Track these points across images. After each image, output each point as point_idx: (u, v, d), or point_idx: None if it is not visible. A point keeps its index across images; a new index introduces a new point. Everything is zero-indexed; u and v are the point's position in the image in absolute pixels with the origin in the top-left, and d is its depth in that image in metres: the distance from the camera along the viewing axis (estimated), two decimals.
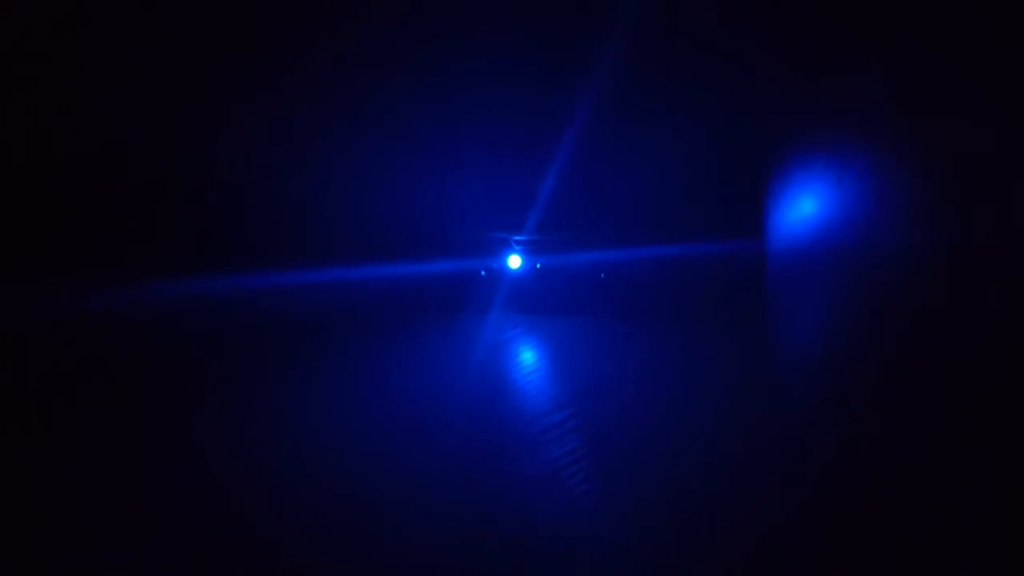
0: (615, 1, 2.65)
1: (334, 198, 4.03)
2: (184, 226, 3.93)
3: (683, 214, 3.90)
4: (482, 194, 4.13)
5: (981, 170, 1.65)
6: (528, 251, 4.46)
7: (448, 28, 2.81)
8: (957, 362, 1.72)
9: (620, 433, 3.38)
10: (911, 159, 1.93)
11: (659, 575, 2.50)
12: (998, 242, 1.59)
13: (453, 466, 3.17)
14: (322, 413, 3.61)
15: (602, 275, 4.40)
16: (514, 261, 4.47)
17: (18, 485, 2.84)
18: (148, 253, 3.81)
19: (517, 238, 4.40)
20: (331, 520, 2.75)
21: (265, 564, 2.50)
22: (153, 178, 3.75)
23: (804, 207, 2.59)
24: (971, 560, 1.65)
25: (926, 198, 1.85)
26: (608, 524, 2.80)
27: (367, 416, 3.59)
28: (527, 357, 4.19)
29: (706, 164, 3.59)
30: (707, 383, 3.52)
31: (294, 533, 2.65)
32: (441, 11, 2.73)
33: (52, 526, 2.64)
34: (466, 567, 2.56)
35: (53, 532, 2.60)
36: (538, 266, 4.49)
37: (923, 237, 1.86)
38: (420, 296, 4.42)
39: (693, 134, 3.42)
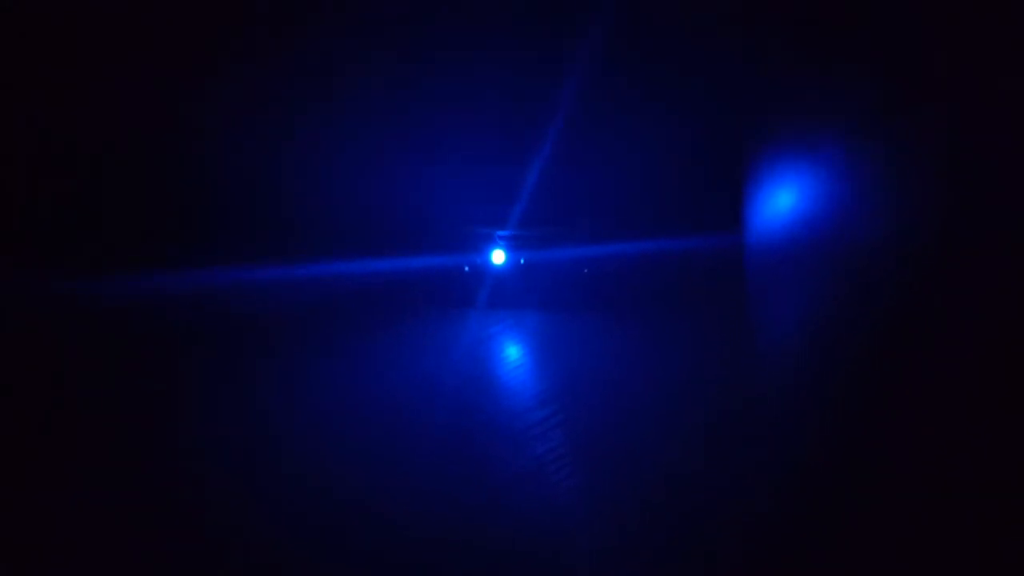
0: None
1: (315, 192, 4.00)
2: (165, 220, 3.89)
3: (664, 209, 3.91)
4: (465, 189, 4.12)
5: (964, 163, 1.65)
6: (512, 246, 4.45)
7: (430, 18, 2.79)
8: (939, 355, 1.73)
9: (605, 429, 3.39)
10: (892, 151, 1.94)
11: (645, 571, 2.51)
12: (980, 236, 1.60)
13: (436, 463, 3.17)
14: (303, 409, 3.59)
15: (585, 270, 4.40)
16: (498, 256, 4.45)
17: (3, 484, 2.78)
18: (131, 246, 3.76)
19: (501, 233, 4.38)
20: (314, 516, 2.76)
21: (249, 559, 2.50)
22: (135, 171, 3.70)
23: (783, 200, 2.60)
24: (959, 553, 1.66)
25: (907, 191, 1.86)
26: (593, 520, 2.81)
27: (348, 412, 3.58)
28: (511, 353, 4.18)
29: (687, 158, 3.60)
30: (690, 377, 3.54)
31: (277, 529, 2.65)
32: (423, 1, 2.71)
33: (40, 525, 2.60)
34: (450, 563, 2.56)
35: (41, 531, 2.56)
36: (522, 262, 4.48)
37: (904, 229, 1.86)
38: (402, 292, 4.40)
39: (675, 128, 3.43)
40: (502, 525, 2.75)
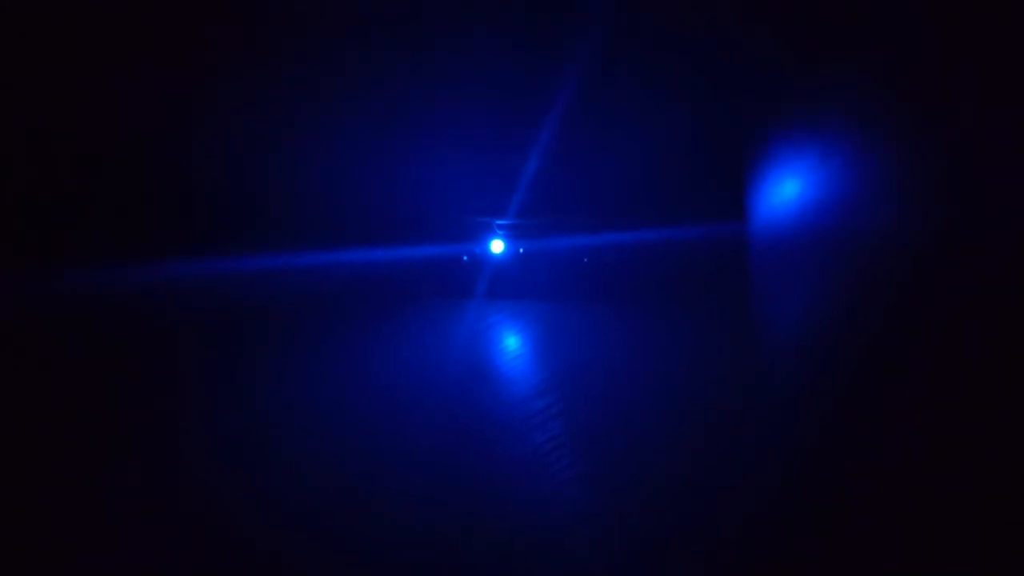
0: None
1: (313, 182, 3.99)
2: (161, 212, 3.88)
3: (666, 198, 3.91)
4: (464, 178, 4.10)
5: (968, 154, 1.64)
6: (511, 236, 4.45)
7: (430, 8, 2.76)
8: (943, 349, 1.73)
9: (604, 419, 3.40)
10: (896, 142, 1.93)
11: (642, 561, 2.53)
12: (984, 229, 1.59)
13: (436, 453, 3.18)
14: (304, 400, 3.60)
15: (585, 260, 4.40)
16: (497, 246, 4.45)
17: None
18: (133, 239, 3.76)
19: (500, 223, 4.38)
20: (314, 506, 2.76)
21: (248, 552, 2.50)
22: (133, 163, 3.68)
23: (787, 190, 2.59)
24: (957, 551, 1.67)
25: (911, 182, 1.85)
26: (591, 510, 2.82)
27: (349, 403, 3.59)
28: (510, 343, 4.19)
29: (689, 147, 3.59)
30: (691, 368, 3.55)
31: (277, 521, 2.66)
32: None
33: (40, 523, 2.60)
34: (449, 553, 2.57)
35: (41, 529, 2.57)
36: (521, 251, 4.48)
37: (908, 221, 1.86)
38: (401, 282, 4.41)
39: (676, 117, 3.41)
40: (501, 513, 2.77)
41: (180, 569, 2.45)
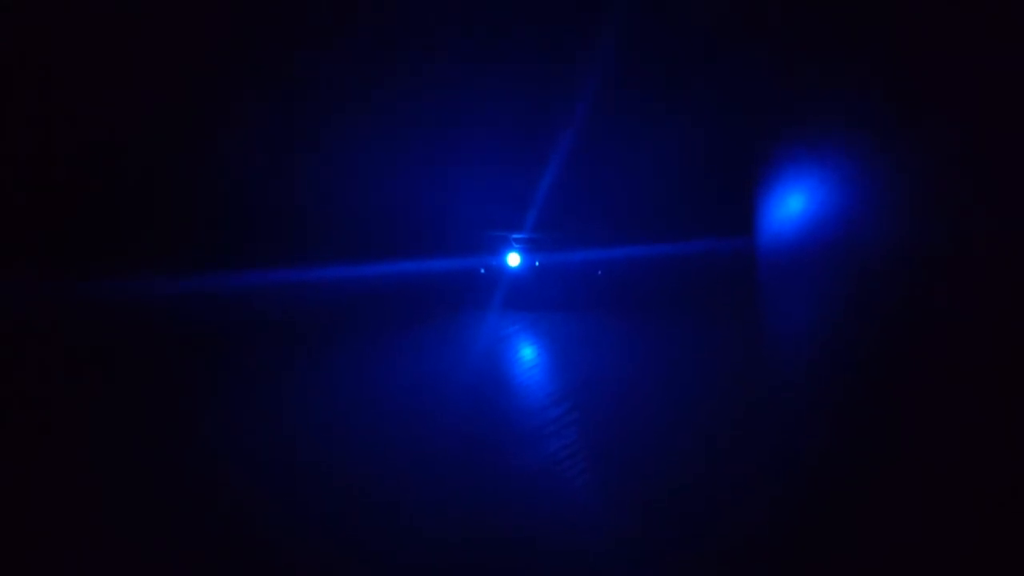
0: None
1: (331, 196, 4.05)
2: (181, 222, 3.94)
3: (678, 212, 3.94)
4: (481, 192, 4.16)
5: (970, 164, 1.68)
6: (527, 249, 4.50)
7: (443, 22, 2.82)
8: (946, 356, 1.75)
9: (618, 426, 3.41)
10: (900, 153, 1.96)
11: (657, 566, 2.53)
12: (987, 236, 1.62)
13: (453, 460, 3.19)
14: (321, 410, 3.64)
15: (599, 272, 4.44)
16: (513, 259, 4.50)
17: (16, 483, 2.85)
18: (147, 249, 3.82)
19: (516, 236, 4.43)
20: (331, 515, 2.79)
21: (265, 559, 2.53)
22: (151, 173, 3.75)
23: (794, 203, 2.62)
24: (963, 553, 1.68)
25: (916, 192, 1.88)
26: (606, 516, 2.83)
27: (366, 413, 3.62)
28: (526, 353, 4.22)
29: (699, 161, 3.61)
30: (702, 377, 3.55)
31: (294, 528, 2.69)
32: (436, 5, 2.75)
33: (53, 524, 2.66)
34: (466, 560, 2.59)
35: (54, 530, 2.62)
36: (537, 264, 4.52)
37: (913, 232, 1.89)
38: (419, 294, 4.45)
39: (687, 131, 3.44)
40: (515, 519, 2.78)
41: (194, 569, 2.48)
